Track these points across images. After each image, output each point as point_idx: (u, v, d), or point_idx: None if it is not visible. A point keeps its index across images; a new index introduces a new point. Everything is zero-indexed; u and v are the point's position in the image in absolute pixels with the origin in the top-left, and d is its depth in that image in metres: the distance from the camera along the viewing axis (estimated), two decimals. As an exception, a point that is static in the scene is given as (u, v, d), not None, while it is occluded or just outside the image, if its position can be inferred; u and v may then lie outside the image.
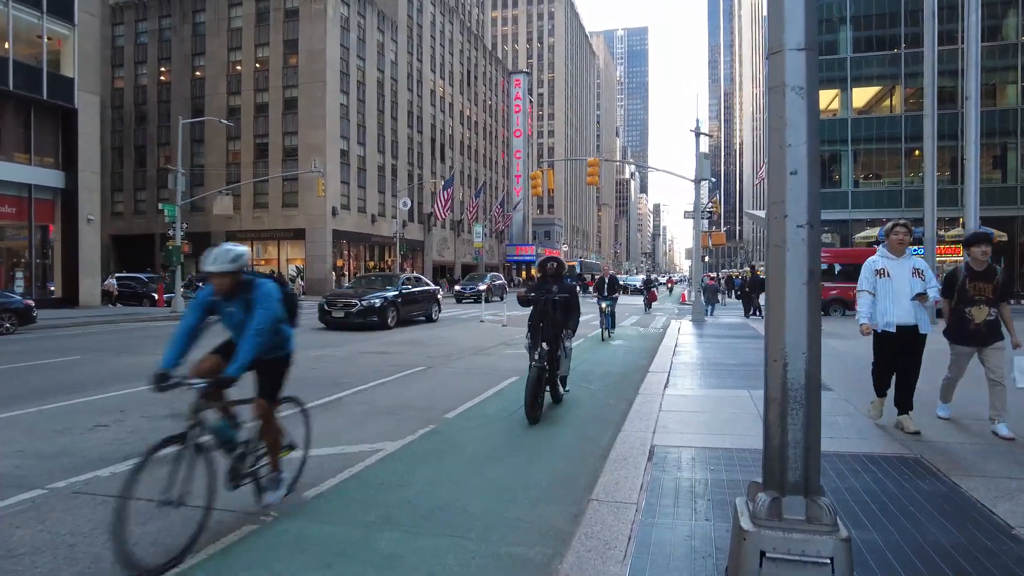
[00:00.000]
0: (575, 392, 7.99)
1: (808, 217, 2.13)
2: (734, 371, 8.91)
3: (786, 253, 2.16)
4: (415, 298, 19.18)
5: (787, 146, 2.15)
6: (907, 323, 5.41)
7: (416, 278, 20.77)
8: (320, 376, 9.01)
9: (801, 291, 2.14)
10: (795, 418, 2.27)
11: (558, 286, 6.87)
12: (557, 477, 4.63)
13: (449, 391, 7.98)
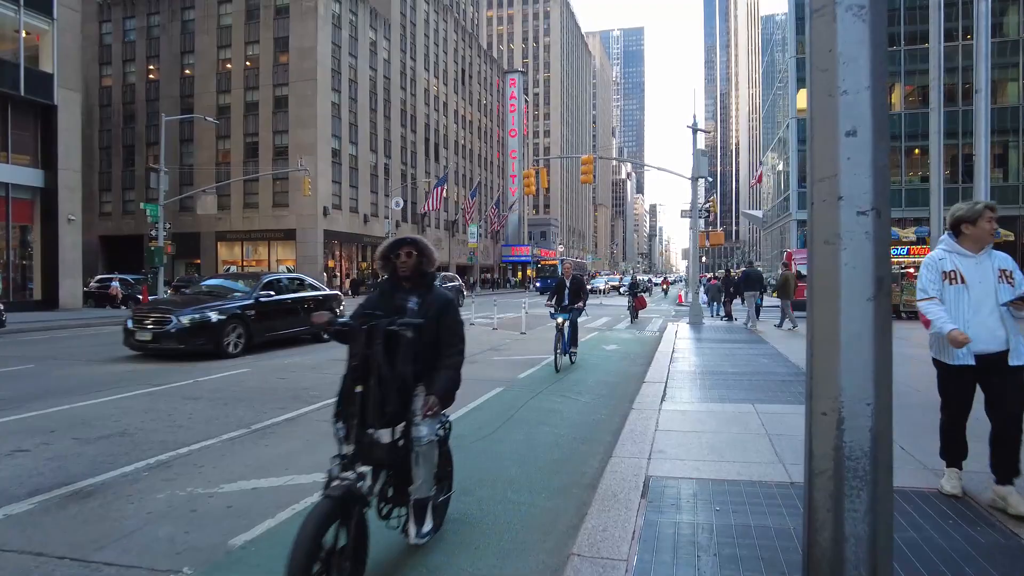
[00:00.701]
0: (564, 405, 7.30)
1: (874, 200, 1.42)
2: (736, 381, 8.23)
3: (840, 253, 1.46)
4: (288, 309, 13.16)
5: (840, 93, 1.45)
6: (994, 350, 3.72)
7: (299, 280, 14.59)
8: (288, 387, 8.30)
9: (864, 310, 1.44)
10: (856, 501, 1.53)
11: None
12: (535, 516, 3.94)
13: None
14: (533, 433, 6.04)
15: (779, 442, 5.13)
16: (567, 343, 10.23)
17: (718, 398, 7.08)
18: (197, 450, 5.30)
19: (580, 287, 10.90)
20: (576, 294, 10.76)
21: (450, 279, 22.23)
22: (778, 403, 6.74)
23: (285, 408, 6.98)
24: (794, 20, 39.00)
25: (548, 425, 6.37)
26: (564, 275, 11.08)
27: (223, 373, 9.34)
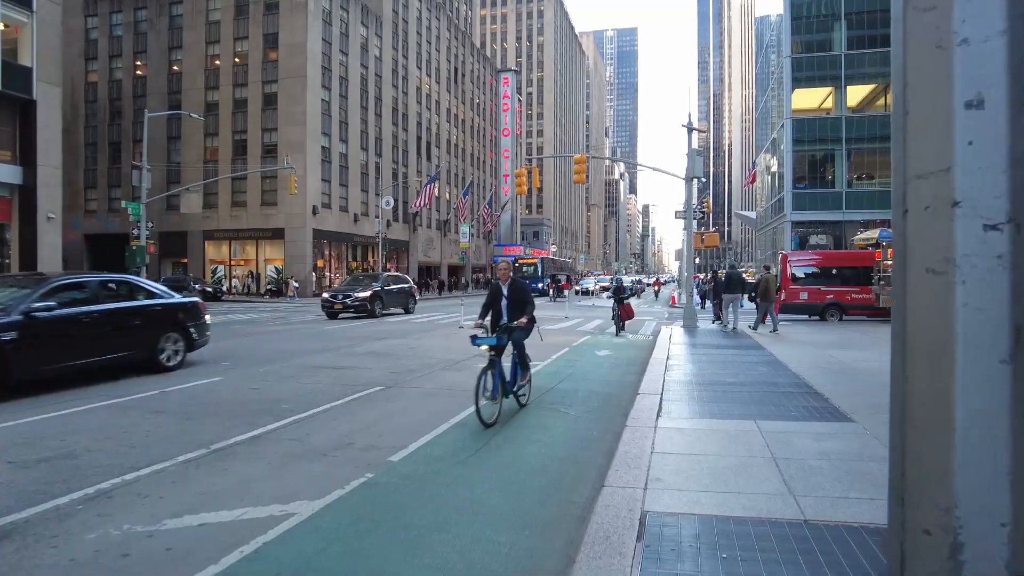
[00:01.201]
0: (551, 421, 6.83)
1: (1011, 207, 0.92)
2: (735, 393, 7.78)
3: (956, 289, 0.95)
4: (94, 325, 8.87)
5: (957, 43, 0.93)
6: None
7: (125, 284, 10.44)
8: (261, 399, 7.78)
9: (996, 376, 0.93)
10: None
11: None
12: (519, 559, 3.46)
13: (404, 421, 6.78)
14: (520, 454, 5.57)
15: (787, 468, 4.68)
16: (510, 378, 7.02)
17: (718, 413, 6.62)
18: (146, 476, 4.79)
19: (523, 297, 7.22)
20: (518, 307, 7.13)
21: (398, 279, 24.38)
22: (782, 419, 6.29)
23: (254, 424, 6.47)
24: (789, 19, 38.67)
25: (537, 444, 5.89)
26: (500, 280, 7.42)
27: (194, 382, 8.82)
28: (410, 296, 25.22)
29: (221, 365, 10.58)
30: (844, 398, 7.30)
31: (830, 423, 6.07)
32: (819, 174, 39.95)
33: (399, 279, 25.77)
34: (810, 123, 39.34)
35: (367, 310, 21.93)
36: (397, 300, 24.18)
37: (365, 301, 21.91)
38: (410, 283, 25.79)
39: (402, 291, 24.83)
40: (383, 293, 22.90)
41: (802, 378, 8.84)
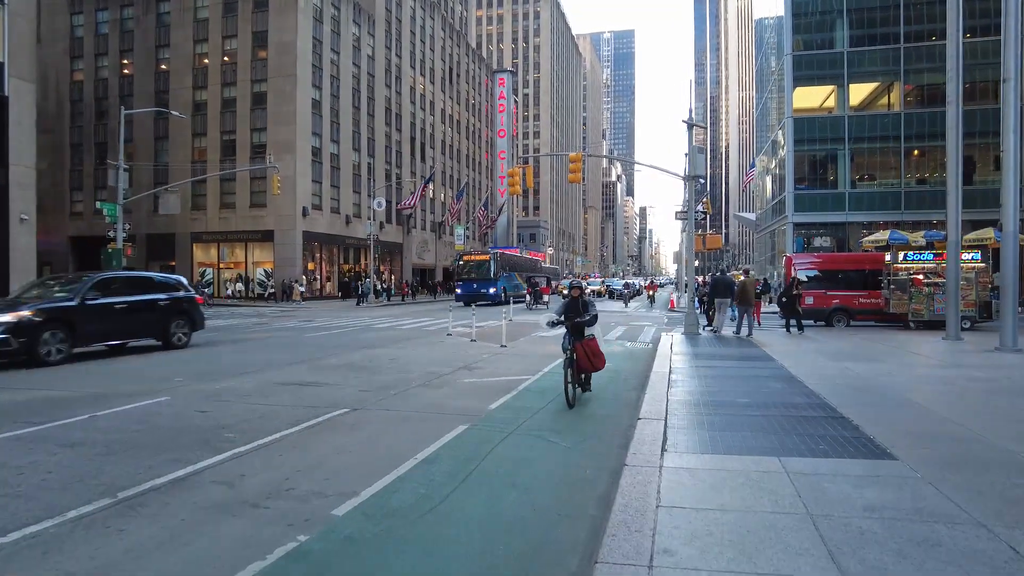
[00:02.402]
0: (538, 453, 5.82)
1: None
2: (750, 418, 6.78)
3: None
4: None
5: None
6: None
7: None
8: (204, 425, 6.77)
9: None
10: None
11: None
12: None
13: (363, 455, 5.77)
14: (497, 502, 4.57)
15: (829, 531, 3.68)
16: None
17: (733, 446, 5.62)
18: (12, 543, 3.78)
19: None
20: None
21: (140, 284, 13.23)
22: (809, 454, 5.30)
23: (183, 460, 5.46)
24: (790, 16, 37.79)
25: (518, 488, 4.89)
26: None
27: (137, 403, 7.79)
28: (178, 314, 14.15)
29: (174, 381, 9.56)
30: (876, 425, 6.30)
31: (868, 461, 5.07)
32: (821, 175, 39.04)
33: (142, 283, 13.99)
34: (811, 122, 38.43)
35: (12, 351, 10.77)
36: (128, 324, 13.12)
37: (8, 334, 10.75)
38: (181, 291, 14.56)
39: (147, 306, 13.48)
40: (73, 315, 11.74)
41: (822, 397, 7.85)
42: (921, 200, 35.70)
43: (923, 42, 35.49)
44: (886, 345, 14.28)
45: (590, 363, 7.95)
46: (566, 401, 7.79)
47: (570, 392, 7.82)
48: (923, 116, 35.46)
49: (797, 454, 5.32)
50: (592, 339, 8.19)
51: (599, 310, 8.68)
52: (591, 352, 7.98)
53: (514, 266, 41.84)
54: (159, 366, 11.44)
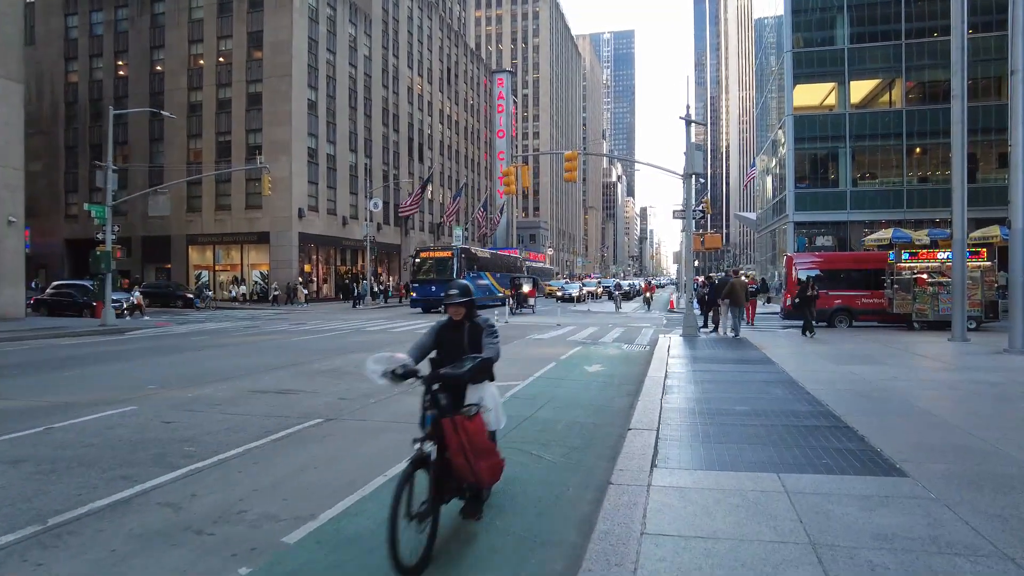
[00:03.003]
0: (518, 470, 5.38)
1: None
2: (748, 428, 6.35)
3: None
4: None
5: None
6: None
7: None
8: (166, 438, 6.35)
9: None
10: None
11: None
12: None
13: (328, 472, 5.35)
14: (468, 528, 4.14)
15: (835, 563, 3.25)
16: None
17: (728, 460, 5.18)
18: (-87, 581, 3.36)
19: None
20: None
21: None
22: (811, 470, 4.86)
23: (133, 478, 5.04)
24: (790, 13, 37.37)
25: (493, 509, 4.45)
26: None
27: (99, 414, 7.37)
28: None
29: (147, 388, 9.14)
30: (883, 436, 5.87)
31: (876, 478, 4.64)
32: (822, 173, 38.61)
33: None
34: (812, 120, 37.99)
35: None
36: None
37: None
38: None
39: None
40: None
41: (825, 404, 7.42)
42: (923, 198, 35.25)
43: (925, 38, 35.04)
44: (890, 347, 13.84)
45: (469, 467, 3.63)
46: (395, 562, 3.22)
47: (405, 537, 3.31)
48: (925, 113, 35.00)
49: (798, 470, 4.88)
50: (478, 416, 3.82)
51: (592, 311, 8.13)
52: (472, 445, 3.66)
53: (486, 264, 35.60)
54: (137, 371, 11.04)
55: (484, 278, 33.18)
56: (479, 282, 31.52)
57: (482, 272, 33.45)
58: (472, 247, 37.70)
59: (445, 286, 4.66)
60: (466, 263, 30.46)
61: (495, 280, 34.74)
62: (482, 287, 31.66)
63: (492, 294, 33.43)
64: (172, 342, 16.95)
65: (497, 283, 34.58)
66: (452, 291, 4.27)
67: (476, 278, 31.20)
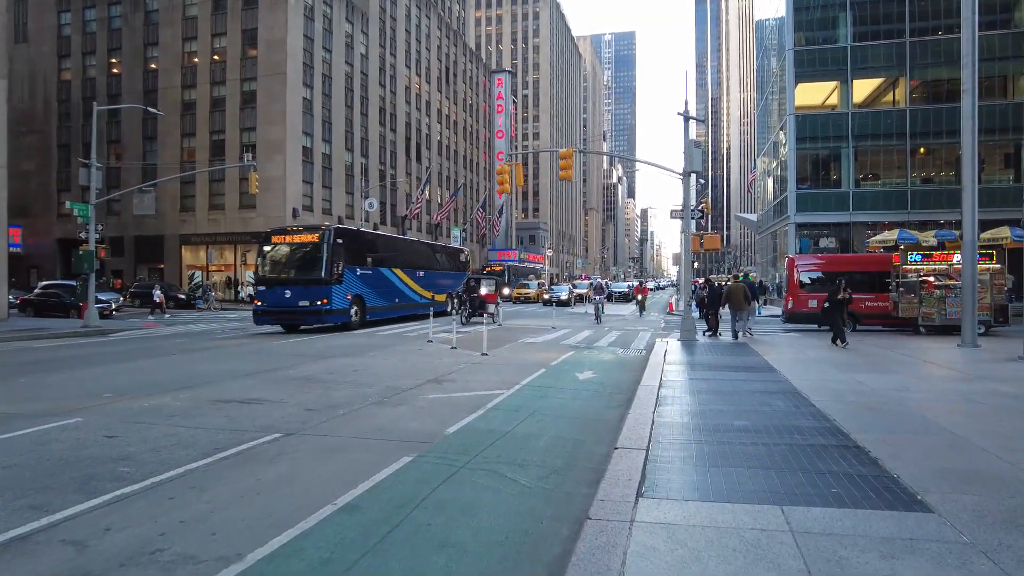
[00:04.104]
0: (488, 495, 4.76)
1: None
2: (747, 447, 5.73)
3: None
4: None
5: None
6: None
7: None
8: (102, 456, 5.72)
9: None
10: None
11: None
12: None
13: (272, 499, 4.72)
14: (417, 571, 3.52)
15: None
16: None
17: (724, 489, 4.56)
18: None
19: None
20: None
21: None
22: (819, 502, 4.24)
23: (40, 507, 4.42)
24: (792, 12, 36.75)
25: (451, 549, 3.84)
26: None
27: (37, 427, 6.75)
28: None
29: (102, 397, 8.52)
30: (899, 458, 5.24)
31: (896, 514, 4.00)
32: (823, 174, 37.99)
33: None
34: (813, 120, 37.36)
35: None
36: None
37: None
38: None
39: None
40: None
41: (831, 419, 6.79)
42: (927, 199, 34.63)
43: (929, 36, 34.42)
44: (898, 352, 13.21)
45: None
46: None
47: None
48: (929, 112, 34.38)
49: (804, 501, 4.26)
50: None
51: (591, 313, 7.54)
52: None
53: (391, 256, 24.25)
54: (100, 377, 10.42)
55: (389, 276, 23.35)
56: (384, 284, 22.82)
57: (383, 268, 23.04)
58: (361, 228, 25.85)
59: (305, 291, 3.29)
60: (347, 254, 20.18)
61: (413, 280, 25.18)
62: (381, 290, 22.57)
63: (407, 300, 24.57)
64: (152, 344, 16.35)
65: (419, 284, 25.58)
66: None
67: (368, 276, 21.70)
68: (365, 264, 21.68)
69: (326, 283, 19.04)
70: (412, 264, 25.89)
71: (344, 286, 19.84)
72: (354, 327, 20.37)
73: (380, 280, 22.62)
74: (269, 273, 19.96)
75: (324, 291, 19.03)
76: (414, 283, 25.45)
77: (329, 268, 19.18)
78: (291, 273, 19.79)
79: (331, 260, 19.30)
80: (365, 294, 21.26)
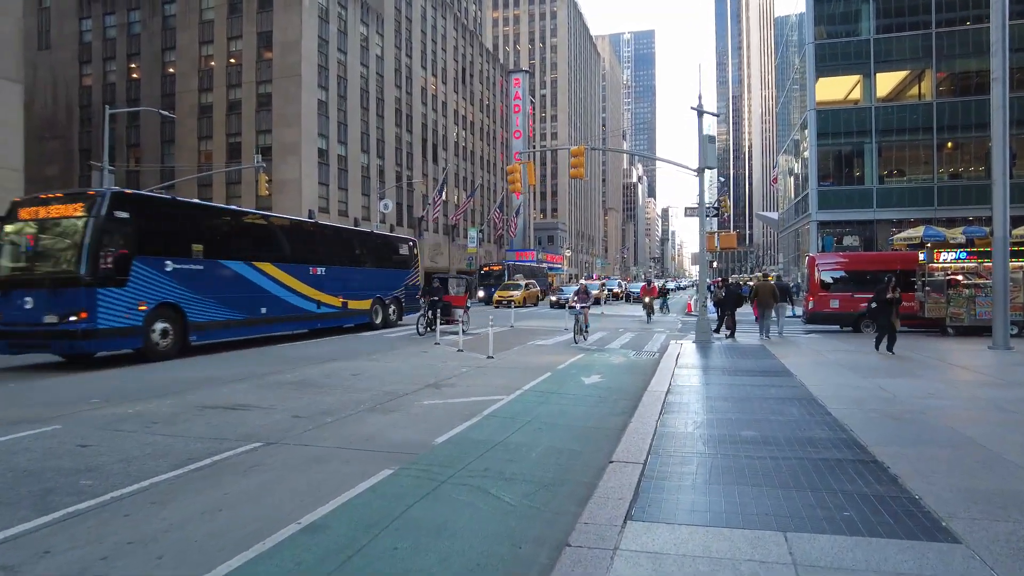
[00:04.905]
0: (466, 515, 4.38)
1: None
2: (754, 460, 5.28)
3: None
4: None
5: None
6: None
7: None
8: (68, 467, 5.45)
9: None
10: None
11: None
12: None
13: (235, 515, 4.38)
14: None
15: None
16: None
17: (723, 511, 4.12)
18: None
19: None
20: None
21: None
22: (829, 527, 3.79)
23: (-7, 524, 4.14)
24: (812, 5, 35.89)
25: (412, 577, 3.47)
26: None
27: (9, 436, 6.52)
28: None
29: (89, 403, 8.30)
30: (923, 476, 4.76)
31: (917, 544, 3.54)
32: (846, 170, 37.01)
33: None
34: (836, 115, 36.42)
35: None
36: None
37: None
38: None
39: None
40: None
41: (849, 429, 6.30)
42: (955, 195, 33.56)
43: (957, 27, 33.35)
44: (924, 355, 12.58)
45: None
46: None
47: None
48: (957, 105, 33.31)
49: (812, 526, 3.81)
50: None
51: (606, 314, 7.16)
52: None
53: (257, 245, 16.49)
54: (94, 381, 10.23)
55: (243, 273, 15.45)
56: (201, 282, 14.23)
57: (233, 261, 15.29)
58: (171, 196, 16.13)
59: (52, 299, 1.68)
60: (143, 236, 12.94)
61: (301, 279, 17.28)
62: (225, 295, 14.91)
63: (287, 309, 16.72)
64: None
65: (313, 286, 17.74)
66: None
67: (194, 274, 14.10)
68: (188, 254, 13.97)
69: (87, 284, 11.53)
70: (301, 257, 17.59)
71: (132, 290, 12.32)
72: (159, 356, 12.80)
73: (223, 279, 14.75)
74: (8, 270, 12.28)
75: (82, 298, 11.48)
76: (303, 284, 17.26)
77: (92, 259, 11.57)
78: (35, 269, 12.21)
79: (98, 245, 11.69)
80: (186, 302, 13.59)
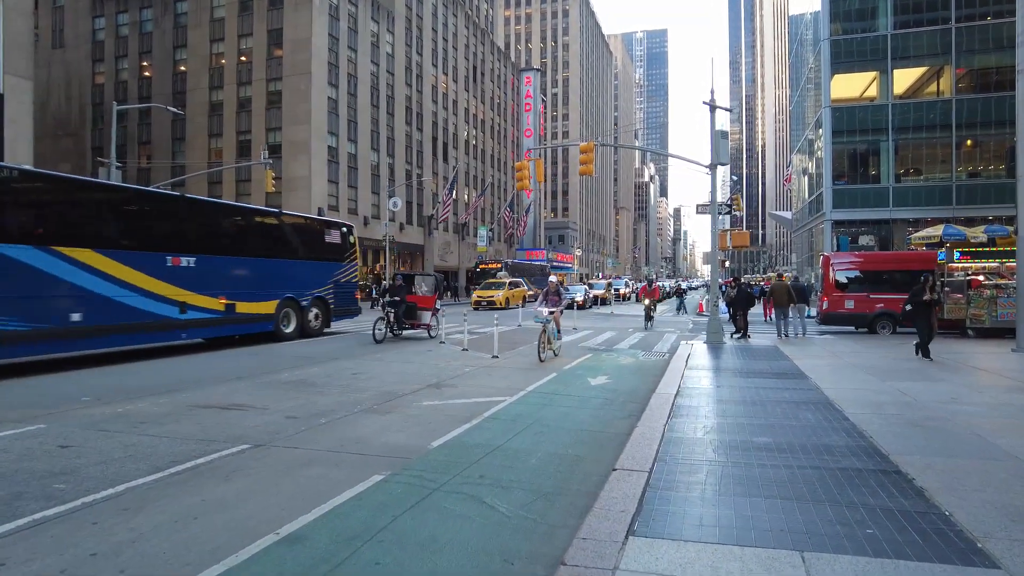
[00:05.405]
0: (457, 527, 4.07)
1: None
2: (766, 469, 4.94)
3: None
4: None
5: None
6: None
7: None
8: (43, 470, 5.21)
9: None
10: None
11: None
12: None
13: (209, 525, 4.11)
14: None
15: None
16: None
17: (733, 526, 3.79)
18: None
19: None
20: None
21: None
22: (851, 548, 3.45)
23: (-48, 533, 3.88)
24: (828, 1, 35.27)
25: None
26: None
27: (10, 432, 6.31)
28: None
29: (80, 401, 8.08)
30: (952, 489, 4.40)
31: (948, 569, 3.20)
32: (861, 169, 36.35)
33: None
34: (851, 112, 35.76)
35: None
36: None
37: None
38: None
39: None
40: None
41: (868, 436, 5.94)
42: (974, 194, 32.84)
43: (977, 22, 32.61)
44: (944, 357, 12.12)
45: None
46: None
47: None
48: (977, 102, 32.56)
49: (832, 545, 3.47)
50: None
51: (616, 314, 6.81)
52: None
53: (74, 225, 11.57)
54: (88, 379, 10.03)
55: (38, 266, 10.60)
56: None
57: (22, 246, 10.41)
58: None
59: None
60: None
61: (155, 275, 12.79)
62: None
63: (122, 314, 12.06)
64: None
65: (179, 284, 13.32)
66: None
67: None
68: None
69: None
70: (151, 241, 13.00)
71: None
72: None
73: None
74: None
75: None
76: (153, 280, 12.73)
77: None
78: None
79: None
80: None
